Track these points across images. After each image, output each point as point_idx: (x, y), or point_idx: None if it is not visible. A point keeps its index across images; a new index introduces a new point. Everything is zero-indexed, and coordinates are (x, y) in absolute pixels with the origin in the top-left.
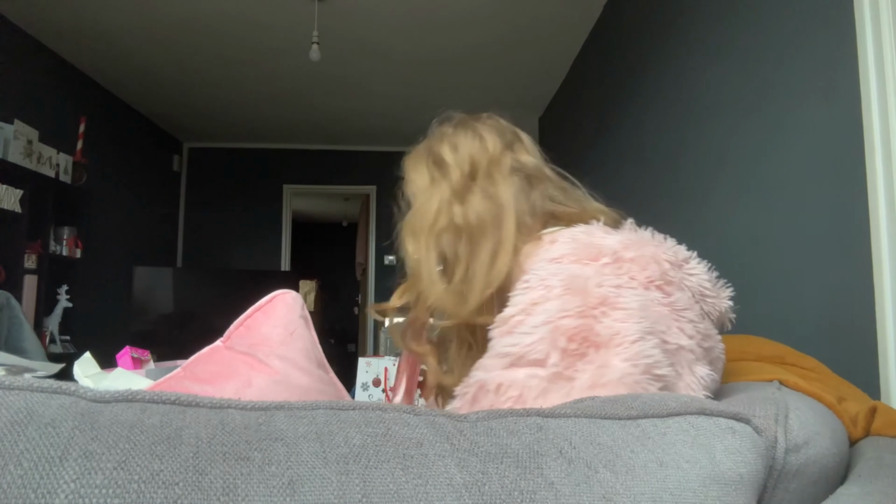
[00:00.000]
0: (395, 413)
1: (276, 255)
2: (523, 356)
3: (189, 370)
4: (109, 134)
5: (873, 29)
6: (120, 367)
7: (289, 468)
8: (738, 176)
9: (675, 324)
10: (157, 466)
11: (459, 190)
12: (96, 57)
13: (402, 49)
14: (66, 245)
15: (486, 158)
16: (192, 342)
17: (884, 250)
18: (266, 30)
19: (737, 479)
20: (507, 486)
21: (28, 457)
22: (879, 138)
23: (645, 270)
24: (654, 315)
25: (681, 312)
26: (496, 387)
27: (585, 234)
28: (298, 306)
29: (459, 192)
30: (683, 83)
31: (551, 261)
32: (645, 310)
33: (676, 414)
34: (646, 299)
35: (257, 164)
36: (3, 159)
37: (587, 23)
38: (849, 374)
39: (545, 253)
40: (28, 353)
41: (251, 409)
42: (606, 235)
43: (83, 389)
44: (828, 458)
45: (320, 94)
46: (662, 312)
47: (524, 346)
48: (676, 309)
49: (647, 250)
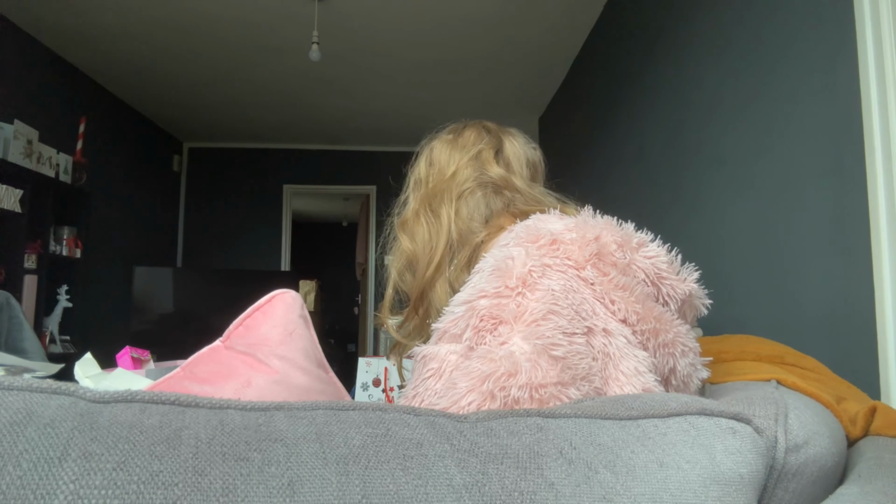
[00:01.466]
0: (395, 413)
1: (276, 255)
2: (446, 331)
3: (188, 370)
4: (109, 134)
5: (873, 29)
6: (120, 368)
7: (288, 469)
8: (738, 176)
9: (605, 307)
10: (156, 467)
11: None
12: (96, 57)
13: (401, 49)
14: (66, 245)
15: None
16: (192, 342)
17: (884, 250)
18: (266, 30)
19: (737, 479)
20: (508, 486)
21: (27, 457)
22: (879, 138)
23: (583, 249)
24: (576, 298)
25: (615, 292)
26: (422, 358)
27: (536, 220)
28: (298, 306)
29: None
30: (683, 83)
31: (499, 248)
32: (567, 292)
33: (677, 414)
34: (572, 280)
35: (257, 164)
36: (3, 159)
37: (587, 23)
38: (849, 374)
39: (500, 241)
40: (28, 353)
41: (251, 409)
42: (558, 221)
43: (82, 390)
44: (827, 457)
45: (320, 94)
46: (586, 296)
47: (448, 323)
48: (611, 287)
49: (591, 231)
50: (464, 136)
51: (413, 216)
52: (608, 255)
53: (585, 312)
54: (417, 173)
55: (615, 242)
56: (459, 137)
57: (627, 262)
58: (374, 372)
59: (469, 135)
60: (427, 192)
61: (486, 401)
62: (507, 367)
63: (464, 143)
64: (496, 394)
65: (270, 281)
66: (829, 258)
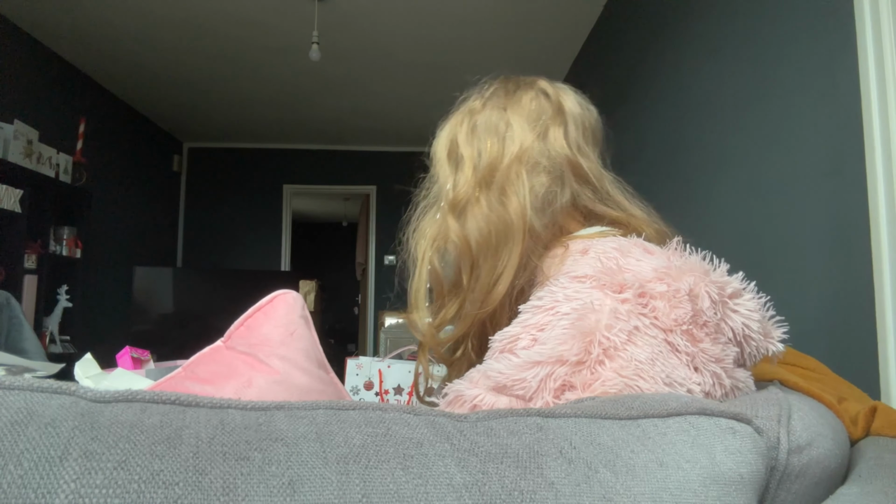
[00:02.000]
0: (396, 413)
1: (276, 255)
2: (508, 387)
3: (189, 370)
4: (109, 134)
5: (873, 29)
6: (120, 368)
7: (289, 468)
8: (738, 175)
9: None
10: (157, 466)
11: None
12: (96, 57)
13: (402, 49)
14: (66, 245)
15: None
16: (192, 342)
17: (884, 250)
18: (266, 30)
19: (737, 479)
20: (508, 486)
21: (28, 457)
22: (879, 138)
23: (674, 310)
24: (665, 367)
25: (708, 365)
26: (472, 406)
27: (618, 254)
28: (299, 306)
29: (461, 202)
30: (682, 83)
31: (573, 278)
32: (653, 362)
33: (677, 414)
34: (661, 346)
35: (257, 164)
36: (3, 159)
37: (587, 23)
38: (849, 374)
39: (570, 265)
40: (28, 353)
41: (251, 408)
42: (642, 258)
43: (83, 389)
44: (830, 459)
45: (320, 94)
46: (675, 364)
47: (512, 380)
48: (704, 360)
49: (685, 283)
50: (521, 101)
51: (468, 196)
52: (701, 316)
53: (674, 382)
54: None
55: (710, 298)
56: (514, 103)
57: (719, 319)
58: (366, 375)
59: (526, 100)
60: (484, 170)
61: None
62: None
63: (522, 111)
64: None
65: (270, 281)
66: (829, 258)
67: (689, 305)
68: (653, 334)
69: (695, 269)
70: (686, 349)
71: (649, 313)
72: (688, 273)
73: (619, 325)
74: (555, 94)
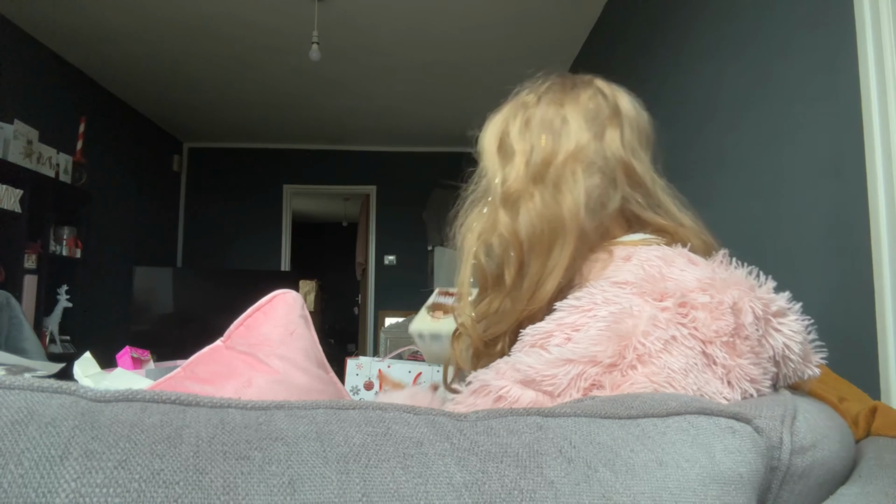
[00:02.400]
0: (396, 412)
1: (276, 255)
2: (537, 382)
3: (189, 370)
4: (109, 134)
5: (873, 29)
6: (120, 367)
7: (289, 467)
8: (738, 175)
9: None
10: (157, 465)
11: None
12: (96, 57)
13: (402, 48)
14: (66, 245)
15: (562, 155)
16: (192, 342)
17: (884, 250)
18: (266, 30)
19: (736, 478)
20: (507, 485)
21: (28, 456)
22: (879, 138)
23: (716, 322)
24: (698, 380)
25: (742, 382)
26: (497, 397)
27: (661, 262)
28: (298, 306)
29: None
30: (682, 83)
31: (614, 283)
32: (687, 373)
33: (676, 413)
34: (697, 358)
35: (257, 164)
36: (3, 159)
37: (587, 24)
38: (849, 374)
39: (612, 271)
40: (28, 352)
41: (251, 408)
42: (686, 268)
43: (83, 389)
44: (835, 461)
45: (320, 94)
46: (709, 378)
47: (542, 375)
48: (739, 376)
49: (729, 296)
50: (579, 98)
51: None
52: (742, 330)
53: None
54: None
55: (753, 313)
56: (571, 100)
57: (760, 335)
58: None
59: (584, 98)
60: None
61: None
62: None
63: (580, 109)
64: None
65: (270, 281)
66: (829, 258)
67: (731, 318)
68: (690, 345)
69: (740, 283)
70: (724, 361)
71: (689, 324)
72: (733, 286)
73: (656, 333)
74: (612, 94)
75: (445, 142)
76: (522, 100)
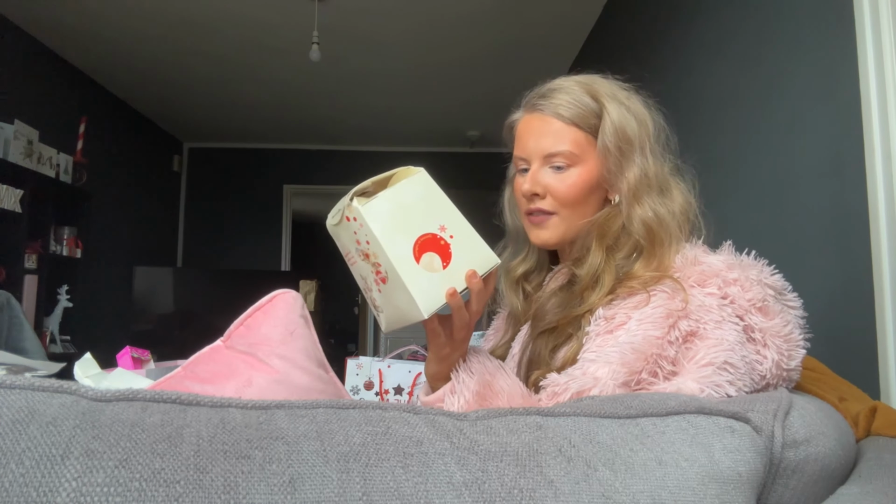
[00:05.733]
0: (396, 412)
1: (276, 255)
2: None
3: (189, 370)
4: (109, 134)
5: (873, 29)
6: (120, 367)
7: (289, 466)
8: (738, 176)
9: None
10: (158, 465)
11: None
12: (96, 57)
13: (402, 49)
14: (66, 245)
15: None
16: (192, 342)
17: (884, 250)
18: (266, 30)
19: (735, 477)
20: (507, 484)
21: (30, 455)
22: (879, 138)
23: (748, 292)
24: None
25: (773, 339)
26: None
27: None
28: (299, 306)
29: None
30: (682, 84)
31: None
32: (740, 344)
33: (675, 413)
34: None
35: (257, 164)
36: (3, 159)
37: (587, 25)
38: (849, 374)
39: None
40: (28, 352)
41: (252, 407)
42: (709, 253)
43: (84, 388)
44: (831, 458)
45: (320, 94)
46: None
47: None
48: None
49: (753, 272)
50: (636, 103)
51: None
52: (768, 299)
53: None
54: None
55: (773, 287)
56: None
57: (780, 309)
58: (366, 374)
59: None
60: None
61: None
62: None
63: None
64: None
65: (270, 281)
66: (829, 258)
67: (759, 289)
68: (733, 321)
69: (755, 264)
70: (760, 325)
71: (728, 302)
72: (751, 266)
73: (707, 316)
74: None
75: (445, 142)
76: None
